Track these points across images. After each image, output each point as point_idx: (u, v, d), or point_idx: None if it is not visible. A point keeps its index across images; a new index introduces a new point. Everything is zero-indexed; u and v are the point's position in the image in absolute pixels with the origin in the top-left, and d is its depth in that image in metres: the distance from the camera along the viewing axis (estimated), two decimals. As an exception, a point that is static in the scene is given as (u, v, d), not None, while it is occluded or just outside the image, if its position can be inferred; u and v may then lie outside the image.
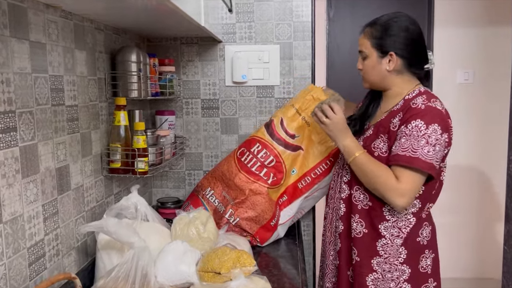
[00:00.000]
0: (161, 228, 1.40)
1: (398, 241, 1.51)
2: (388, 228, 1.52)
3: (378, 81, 1.58)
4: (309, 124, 1.80)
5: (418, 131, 1.41)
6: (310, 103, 1.80)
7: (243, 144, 1.86)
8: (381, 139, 1.52)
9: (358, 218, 1.56)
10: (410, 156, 1.40)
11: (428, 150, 1.40)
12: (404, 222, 1.51)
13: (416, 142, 1.40)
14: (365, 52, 1.56)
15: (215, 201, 1.77)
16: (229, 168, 1.80)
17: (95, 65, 1.52)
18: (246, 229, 1.69)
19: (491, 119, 3.38)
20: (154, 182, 2.16)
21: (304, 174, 1.80)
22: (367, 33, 1.56)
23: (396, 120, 1.49)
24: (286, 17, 2.04)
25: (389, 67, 1.53)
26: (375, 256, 1.54)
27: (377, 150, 1.52)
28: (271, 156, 1.77)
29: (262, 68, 2.07)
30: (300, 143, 1.81)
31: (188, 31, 1.91)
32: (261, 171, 1.76)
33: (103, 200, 1.58)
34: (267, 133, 1.81)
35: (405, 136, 1.43)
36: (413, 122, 1.42)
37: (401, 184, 1.42)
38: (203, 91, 2.10)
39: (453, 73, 3.39)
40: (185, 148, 2.12)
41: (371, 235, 1.54)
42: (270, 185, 1.76)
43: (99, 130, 1.55)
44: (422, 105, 1.45)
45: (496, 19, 3.32)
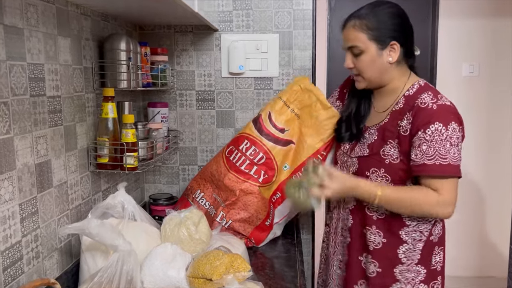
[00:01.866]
0: (150, 228, 1.31)
1: (420, 245, 1.44)
2: (409, 233, 1.43)
3: (377, 77, 1.44)
4: (299, 116, 1.71)
5: (440, 135, 1.32)
6: (298, 94, 1.71)
7: (231, 142, 1.77)
8: (390, 145, 1.41)
9: (376, 230, 1.45)
10: (441, 164, 1.32)
11: (454, 153, 1.33)
12: (425, 225, 1.44)
13: (442, 147, 1.32)
14: (360, 47, 1.40)
15: (206, 203, 1.68)
16: (218, 168, 1.70)
17: (81, 53, 1.42)
18: (239, 231, 1.60)
19: (497, 113, 3.28)
20: (146, 177, 2.07)
21: (296, 169, 1.71)
22: (359, 26, 1.40)
23: (405, 123, 1.38)
24: (286, 4, 1.94)
25: (392, 59, 1.41)
26: (397, 265, 1.44)
27: (388, 157, 1.41)
28: (260, 153, 1.68)
29: (260, 58, 1.97)
30: (290, 137, 1.71)
31: (182, 19, 1.81)
32: (251, 169, 1.67)
33: (89, 197, 1.49)
34: (255, 129, 1.72)
35: (426, 142, 1.33)
36: (432, 126, 1.32)
37: (444, 195, 1.34)
38: (198, 82, 2.00)
39: (458, 66, 3.29)
40: (179, 142, 2.03)
41: (392, 243, 1.44)
42: (262, 183, 1.66)
43: (86, 123, 1.46)
44: (433, 105, 1.35)
45: (501, 11, 3.22)
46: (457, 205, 3.63)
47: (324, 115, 1.66)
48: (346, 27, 1.44)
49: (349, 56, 1.45)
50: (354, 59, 1.43)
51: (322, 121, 1.66)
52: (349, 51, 1.44)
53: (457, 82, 3.29)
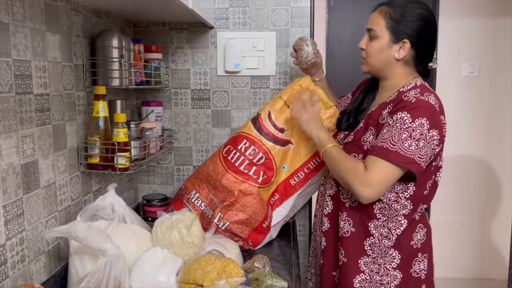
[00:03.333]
0: (141, 230, 1.27)
1: (387, 242, 1.42)
2: (377, 227, 1.42)
3: (380, 67, 1.44)
4: None
5: (402, 124, 1.30)
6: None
7: (228, 142, 1.73)
8: (370, 131, 1.42)
9: (346, 217, 1.46)
10: (388, 148, 1.29)
11: (409, 144, 1.28)
12: (394, 223, 1.41)
13: (398, 134, 1.29)
14: (376, 32, 1.40)
15: (202, 204, 1.64)
16: (215, 168, 1.66)
17: (71, 50, 1.38)
18: (237, 233, 1.56)
19: (497, 113, 3.25)
20: (140, 177, 2.02)
21: (297, 169, 1.67)
22: (383, 12, 1.40)
23: (385, 112, 1.39)
24: (283, 1, 1.89)
25: (398, 55, 1.40)
26: (362, 256, 1.44)
27: (366, 143, 1.41)
28: (260, 153, 1.64)
29: (256, 56, 1.93)
30: (289, 137, 1.68)
31: (177, 16, 1.77)
32: (250, 169, 1.63)
33: (79, 198, 1.45)
34: (254, 128, 1.68)
35: (387, 126, 1.33)
36: (399, 113, 1.32)
37: (368, 173, 1.31)
38: (193, 81, 1.95)
39: (458, 65, 3.25)
40: (174, 142, 1.98)
41: (359, 234, 1.44)
42: (261, 184, 1.62)
43: (76, 121, 1.41)
44: (413, 98, 1.33)
45: (502, 10, 3.18)
46: (457, 206, 3.61)
47: (325, 114, 1.64)
48: (377, 10, 1.44)
49: (365, 38, 1.46)
50: (369, 41, 1.44)
51: (323, 120, 1.63)
52: (367, 33, 1.45)
53: (457, 82, 3.25)
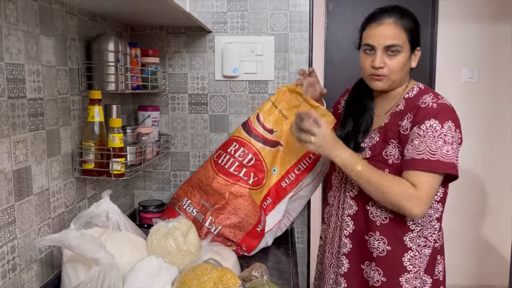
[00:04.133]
0: (136, 238, 1.24)
1: (426, 251, 1.38)
2: (413, 239, 1.38)
3: (400, 80, 1.40)
4: (286, 117, 1.66)
5: (433, 131, 1.29)
6: (285, 94, 1.66)
7: (220, 147, 1.72)
8: (392, 145, 1.37)
9: (379, 236, 1.40)
10: (429, 160, 1.28)
11: (447, 150, 1.29)
12: (429, 230, 1.39)
13: (434, 143, 1.28)
14: (399, 47, 1.32)
15: (193, 211, 1.61)
16: (205, 173, 1.64)
17: (66, 54, 1.36)
18: (230, 238, 1.53)
19: (496, 119, 3.23)
20: (136, 183, 1.99)
21: (287, 171, 1.65)
22: (399, 25, 1.33)
23: (405, 123, 1.35)
24: (282, 6, 1.87)
25: (414, 64, 1.40)
26: (403, 273, 1.39)
27: (391, 157, 1.37)
28: (250, 154, 1.62)
29: (255, 61, 1.90)
30: (278, 138, 1.66)
31: (174, 20, 1.75)
32: (241, 171, 1.61)
33: (74, 205, 1.42)
34: (243, 131, 1.67)
35: (418, 137, 1.30)
36: (427, 122, 1.30)
37: (419, 190, 1.28)
38: (191, 85, 1.93)
39: (458, 71, 3.24)
40: (170, 147, 1.96)
41: (396, 251, 1.39)
42: (252, 186, 1.60)
43: (70, 126, 1.39)
44: (433, 104, 1.33)
45: (501, 15, 3.17)
46: (458, 212, 3.58)
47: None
48: (385, 22, 1.34)
49: (381, 55, 1.34)
50: (386, 59, 1.35)
51: None
52: (384, 49, 1.34)
53: (456, 87, 3.24)
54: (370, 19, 1.37)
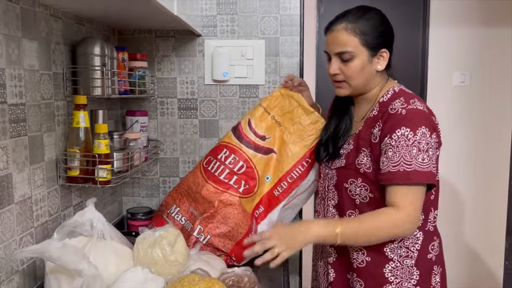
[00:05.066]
0: (122, 248, 1.20)
1: (409, 261, 1.33)
2: (394, 249, 1.33)
3: (364, 84, 1.36)
4: (280, 123, 1.62)
5: (406, 140, 1.23)
6: (278, 100, 1.63)
7: (209, 153, 1.67)
8: (363, 153, 1.33)
9: (358, 247, 1.36)
10: (405, 171, 1.22)
11: (422, 158, 1.22)
12: (411, 240, 1.33)
13: (408, 153, 1.22)
14: (352, 52, 1.30)
15: (182, 219, 1.57)
16: (195, 180, 1.60)
17: (50, 58, 1.32)
18: (219, 248, 1.49)
19: (488, 122, 3.22)
20: (124, 190, 1.95)
21: (280, 179, 1.61)
22: (352, 29, 1.30)
23: (376, 131, 1.30)
24: (272, 9, 1.85)
25: (380, 66, 1.34)
26: (385, 284, 1.34)
27: (362, 166, 1.32)
28: (240, 161, 1.59)
29: (245, 65, 1.88)
30: (271, 145, 1.62)
31: (163, 23, 1.72)
32: (231, 179, 1.57)
33: (58, 213, 1.38)
34: (234, 137, 1.63)
35: (391, 148, 1.24)
36: (398, 131, 1.23)
37: (403, 211, 1.23)
38: (180, 90, 1.90)
39: (449, 75, 3.22)
40: (159, 153, 1.92)
41: (377, 262, 1.34)
42: (242, 194, 1.56)
43: (55, 132, 1.35)
44: (402, 110, 1.26)
45: (493, 19, 3.17)
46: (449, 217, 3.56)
47: (307, 120, 1.59)
48: (335, 29, 1.32)
49: (336, 62, 1.34)
50: (341, 65, 1.33)
51: (305, 126, 1.59)
52: (337, 56, 1.34)
53: (448, 91, 3.23)
54: (326, 27, 1.37)
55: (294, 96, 1.63)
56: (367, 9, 1.35)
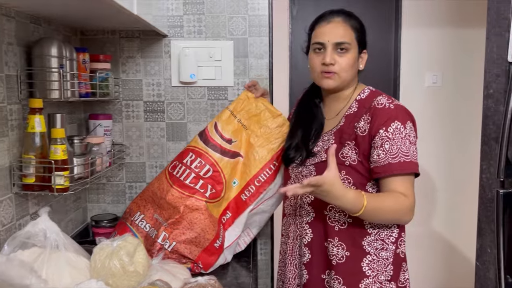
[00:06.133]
0: (78, 259, 1.14)
1: (383, 253, 1.36)
2: (371, 242, 1.36)
3: (350, 79, 1.41)
4: (246, 127, 1.61)
5: (400, 133, 1.30)
6: (245, 103, 1.63)
7: (175, 158, 1.64)
8: (348, 146, 1.35)
9: (338, 242, 1.37)
10: (405, 162, 1.30)
11: (413, 150, 1.33)
12: (386, 232, 1.38)
13: (403, 145, 1.30)
14: (349, 44, 1.36)
15: (146, 226, 1.52)
16: (160, 186, 1.55)
17: (2, 59, 1.25)
18: (185, 255, 1.44)
19: (460, 123, 3.25)
20: (89, 196, 1.88)
21: (247, 183, 1.58)
22: (349, 23, 1.37)
23: (363, 124, 1.34)
24: (241, 9, 1.81)
25: (362, 66, 1.42)
26: (363, 279, 1.36)
27: (347, 159, 1.35)
28: (207, 165, 1.55)
29: (213, 66, 1.83)
30: (238, 148, 1.60)
31: (125, 23, 1.66)
32: (197, 183, 1.53)
33: (13, 223, 1.31)
34: (200, 141, 1.60)
35: (388, 141, 1.30)
36: (393, 124, 1.31)
37: (410, 198, 1.31)
38: (146, 92, 1.84)
39: (421, 76, 3.25)
40: (125, 157, 1.86)
41: (355, 256, 1.36)
42: (209, 199, 1.52)
43: (8, 138, 1.28)
44: (390, 105, 1.34)
45: (464, 20, 3.20)
46: (423, 217, 3.58)
47: (274, 124, 1.60)
48: (333, 21, 1.38)
49: (332, 51, 1.36)
50: (336, 56, 1.36)
51: (272, 129, 1.59)
52: (334, 46, 1.36)
53: (420, 92, 3.25)
54: (319, 18, 1.41)
55: (261, 99, 1.63)
56: (350, 12, 1.43)
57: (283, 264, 1.54)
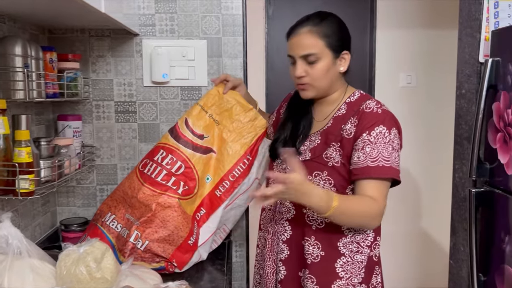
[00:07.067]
0: (42, 266, 1.09)
1: (358, 256, 1.36)
2: (347, 244, 1.36)
3: (328, 86, 1.39)
4: (218, 122, 1.60)
5: (383, 138, 1.29)
6: (216, 98, 1.61)
7: (145, 156, 1.62)
8: (333, 147, 1.35)
9: (314, 241, 1.37)
10: (384, 166, 1.28)
11: (395, 157, 1.32)
12: (361, 236, 1.38)
13: (385, 150, 1.29)
14: (317, 54, 1.33)
15: (117, 226, 1.48)
16: (131, 185, 1.52)
17: (-39, 58, 1.20)
18: (158, 253, 1.41)
19: (435, 123, 3.29)
20: (58, 199, 1.83)
21: (221, 178, 1.57)
22: (316, 32, 1.34)
23: (349, 127, 1.34)
24: (214, 8, 1.78)
25: (343, 68, 1.40)
26: (335, 280, 1.36)
27: (331, 160, 1.35)
28: (178, 162, 1.53)
29: (186, 66, 1.80)
30: (210, 144, 1.58)
31: (94, 22, 1.62)
32: (169, 180, 1.51)
33: (-26, 228, 1.25)
34: (171, 137, 1.58)
35: (370, 144, 1.29)
36: (376, 128, 1.30)
37: (380, 203, 1.29)
38: (117, 92, 1.80)
39: (396, 76, 3.27)
40: (95, 159, 1.81)
41: (330, 256, 1.36)
42: (182, 196, 1.50)
43: (-32, 140, 1.22)
44: (378, 109, 1.33)
45: (437, 21, 3.24)
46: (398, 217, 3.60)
47: (246, 118, 1.59)
48: (299, 33, 1.36)
49: (301, 64, 1.36)
50: (307, 67, 1.36)
51: (244, 123, 1.58)
52: (302, 59, 1.35)
53: (394, 92, 3.28)
54: (289, 31, 1.40)
55: (231, 93, 1.62)
56: (326, 14, 1.41)
57: (262, 258, 1.54)
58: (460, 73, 1.86)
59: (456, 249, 2.08)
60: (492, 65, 1.56)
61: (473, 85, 1.74)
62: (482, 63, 1.67)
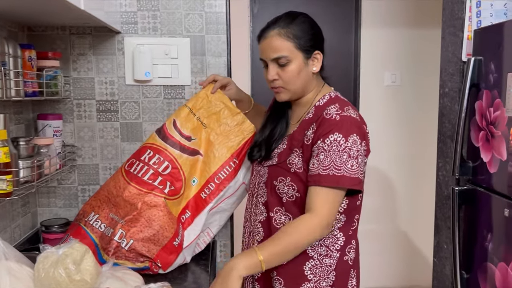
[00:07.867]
0: (20, 269, 1.07)
1: (328, 260, 1.35)
2: (315, 247, 1.35)
3: (302, 87, 1.38)
4: (205, 125, 1.58)
5: (338, 146, 1.26)
6: (204, 101, 1.60)
7: (132, 156, 1.59)
8: (295, 153, 1.34)
9: None
10: (335, 175, 1.24)
11: (351, 164, 1.26)
12: (331, 239, 1.35)
13: (338, 158, 1.25)
14: (288, 57, 1.32)
15: (101, 226, 1.46)
16: (116, 184, 1.50)
17: None
18: (143, 253, 1.39)
19: (419, 121, 3.31)
20: (39, 200, 1.79)
21: (207, 180, 1.55)
22: (285, 35, 1.32)
23: (310, 133, 1.32)
24: (197, 6, 1.76)
25: (316, 68, 1.37)
26: (303, 283, 1.35)
27: (293, 166, 1.34)
28: (165, 162, 1.52)
29: (169, 64, 1.78)
30: (197, 146, 1.57)
31: (74, 19, 1.59)
32: (156, 179, 1.49)
33: (-50, 231, 1.22)
34: (159, 138, 1.56)
35: (323, 152, 1.26)
36: (331, 136, 1.26)
37: (318, 214, 1.25)
38: (99, 91, 1.77)
39: (381, 75, 3.29)
40: (77, 159, 1.78)
41: (298, 260, 1.33)
42: (168, 195, 1.49)
43: None
44: (336, 116, 1.29)
45: (421, 20, 3.26)
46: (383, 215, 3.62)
47: (233, 122, 1.58)
48: (268, 36, 1.34)
49: (273, 67, 1.35)
50: (279, 70, 1.34)
51: (232, 127, 1.57)
52: (273, 62, 1.34)
53: (379, 91, 3.29)
54: (259, 34, 1.39)
55: (220, 97, 1.60)
56: (296, 14, 1.38)
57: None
58: (443, 72, 1.87)
59: (439, 247, 2.09)
60: (474, 64, 1.57)
61: (456, 84, 1.75)
62: (464, 62, 1.68)
